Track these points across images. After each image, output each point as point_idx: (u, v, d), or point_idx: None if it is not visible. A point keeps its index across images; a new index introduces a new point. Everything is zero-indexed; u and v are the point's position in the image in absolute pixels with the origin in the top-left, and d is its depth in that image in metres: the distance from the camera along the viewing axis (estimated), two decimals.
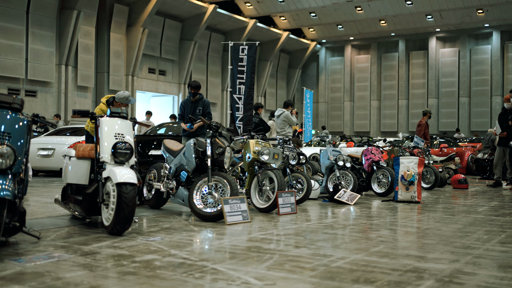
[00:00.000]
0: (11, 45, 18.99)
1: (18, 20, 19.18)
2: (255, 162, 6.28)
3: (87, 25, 21.29)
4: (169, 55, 25.17)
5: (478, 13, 25.81)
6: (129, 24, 22.95)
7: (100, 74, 22.46)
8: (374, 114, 30.43)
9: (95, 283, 2.97)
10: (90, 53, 21.74)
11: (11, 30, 18.99)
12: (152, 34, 24.02)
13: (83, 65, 21.38)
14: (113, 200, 4.40)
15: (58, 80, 20.70)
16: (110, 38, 22.30)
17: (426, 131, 11.79)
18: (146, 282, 3.00)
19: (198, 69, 26.52)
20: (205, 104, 7.79)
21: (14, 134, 3.78)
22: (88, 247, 3.96)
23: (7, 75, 18.85)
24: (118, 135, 4.71)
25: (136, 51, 22.93)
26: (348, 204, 7.17)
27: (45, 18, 20.05)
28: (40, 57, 19.85)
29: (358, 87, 30.99)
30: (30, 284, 2.92)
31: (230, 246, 4.11)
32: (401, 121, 29.71)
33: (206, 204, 5.44)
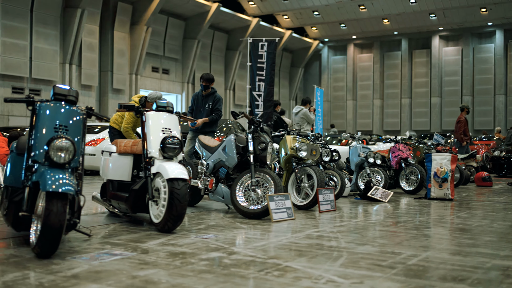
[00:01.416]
0: (15, 44, 18.76)
1: (22, 18, 18.94)
2: (292, 159, 6.15)
3: (91, 24, 21.07)
4: (173, 53, 24.98)
5: (481, 11, 25.80)
6: (133, 22, 22.75)
7: (103, 72, 22.24)
8: (377, 113, 30.37)
9: (174, 281, 2.83)
10: (94, 51, 21.52)
11: (15, 29, 18.75)
12: (156, 32, 23.83)
13: (87, 63, 21.16)
14: (164, 197, 4.26)
15: (62, 78, 20.46)
16: (113, 36, 22.09)
17: (465, 127, 11.45)
18: (228, 280, 2.86)
19: (201, 68, 26.33)
20: (215, 100, 7.36)
21: (70, 128, 3.63)
22: (145, 245, 3.82)
23: (11, 74, 18.61)
24: (166, 130, 4.56)
25: (140, 50, 22.74)
26: (382, 202, 7.05)
27: (49, 17, 19.82)
28: (44, 55, 19.62)
29: (361, 86, 30.92)
30: (108, 283, 2.77)
31: (290, 243, 3.98)
32: (404, 120, 29.67)
33: (249, 201, 5.30)
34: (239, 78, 28.55)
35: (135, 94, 23.18)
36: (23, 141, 4.14)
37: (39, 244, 3.26)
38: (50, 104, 3.66)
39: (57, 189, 3.24)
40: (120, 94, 22.65)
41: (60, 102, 3.70)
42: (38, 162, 3.48)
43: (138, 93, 23.27)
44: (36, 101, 3.68)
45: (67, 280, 2.82)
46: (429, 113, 29.25)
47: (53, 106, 3.65)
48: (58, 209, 3.23)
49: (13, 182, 4.09)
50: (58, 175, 3.34)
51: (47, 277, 2.88)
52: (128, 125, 6.67)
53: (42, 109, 3.62)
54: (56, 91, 3.70)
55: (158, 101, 4.69)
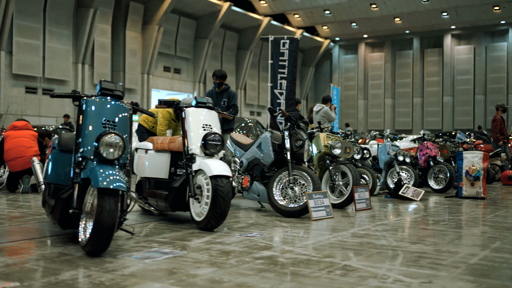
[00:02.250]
0: (28, 44, 18.77)
1: (35, 18, 18.95)
2: (326, 156, 6.05)
3: (103, 23, 21.07)
4: (184, 53, 24.95)
5: (494, 10, 25.60)
6: (145, 22, 22.73)
7: (115, 72, 22.24)
8: (388, 112, 30.21)
9: (237, 280, 2.74)
10: (106, 51, 21.52)
11: (29, 29, 18.76)
12: (167, 32, 23.81)
13: (99, 63, 21.16)
14: (207, 194, 4.17)
15: (75, 78, 20.47)
16: (125, 36, 22.08)
17: (502, 126, 11.26)
18: (292, 280, 2.77)
19: (212, 67, 26.27)
20: (230, 95, 7.16)
21: (118, 124, 3.55)
22: (191, 243, 3.73)
23: (25, 74, 18.63)
24: (206, 126, 4.48)
25: (152, 50, 22.72)
26: (414, 200, 6.94)
27: (62, 17, 19.83)
28: (57, 55, 19.63)
29: (372, 85, 30.76)
30: (169, 282, 2.69)
31: (340, 242, 3.88)
32: (415, 119, 29.49)
33: (286, 199, 5.21)
34: (250, 77, 28.48)
35: (147, 93, 23.18)
36: (66, 137, 4.07)
37: (91, 242, 3.18)
38: (96, 100, 3.58)
39: (108, 185, 3.16)
40: (132, 94, 22.63)
41: (106, 97, 3.63)
42: (87, 158, 3.40)
43: (149, 92, 23.24)
44: (83, 96, 3.61)
45: (126, 279, 2.73)
46: (441, 112, 29.07)
47: (100, 101, 3.58)
48: (110, 206, 3.15)
49: (56, 179, 4.03)
50: (109, 171, 3.26)
51: (105, 275, 2.80)
52: (163, 127, 6.58)
53: (89, 104, 3.55)
54: (103, 85, 3.62)
55: (197, 98, 4.61)
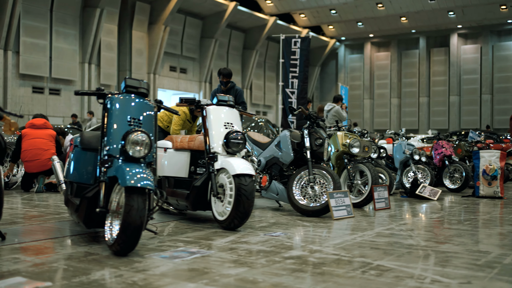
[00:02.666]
0: (35, 44, 18.76)
1: (42, 18, 18.94)
2: (344, 155, 5.99)
3: (109, 23, 21.05)
4: (190, 53, 24.91)
5: (501, 9, 25.47)
6: (151, 22, 22.69)
7: (122, 72, 22.20)
8: (395, 112, 30.10)
9: (272, 280, 2.68)
10: (113, 51, 21.49)
11: (35, 28, 18.75)
12: (173, 32, 23.77)
13: (105, 63, 21.14)
14: (230, 193, 4.12)
15: (82, 78, 20.46)
16: (132, 36, 22.06)
17: None
18: (328, 280, 2.72)
19: (218, 67, 26.18)
20: (238, 93, 7.05)
21: (144, 121, 3.51)
22: (217, 242, 3.68)
23: (32, 74, 18.62)
24: (228, 124, 4.43)
25: (158, 49, 22.68)
26: (431, 200, 6.87)
27: (69, 16, 19.82)
28: (63, 55, 19.62)
29: (378, 84, 30.67)
30: (203, 282, 2.64)
31: (367, 241, 3.82)
32: (422, 119, 29.38)
33: (306, 198, 5.15)
34: (256, 77, 28.43)
35: (153, 93, 23.14)
36: (88, 136, 4.03)
37: (118, 242, 3.13)
38: (121, 97, 3.54)
39: (136, 184, 3.11)
40: None
41: (131, 94, 3.58)
42: (113, 156, 3.35)
43: (156, 92, 23.20)
44: (107, 93, 3.57)
45: (159, 279, 2.68)
46: (447, 112, 28.96)
47: (125, 99, 3.53)
48: (138, 205, 3.10)
49: (78, 178, 3.99)
50: (136, 169, 3.21)
51: (137, 275, 2.75)
52: (178, 127, 6.52)
53: (114, 102, 3.50)
54: (128, 83, 3.58)
55: (219, 95, 4.56)
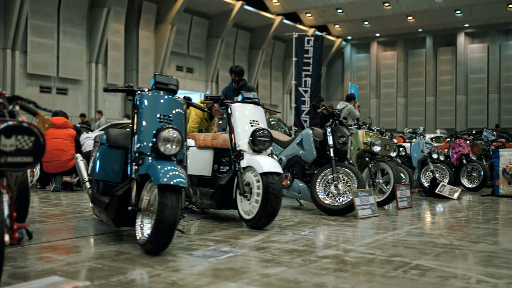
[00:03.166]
0: (42, 43, 18.75)
1: (49, 18, 18.93)
2: (365, 154, 5.93)
3: (116, 23, 21.01)
4: (197, 52, 24.87)
5: (508, 7, 25.33)
6: (158, 21, 22.66)
7: (129, 72, 22.19)
8: (401, 111, 29.98)
9: (313, 280, 2.62)
10: (120, 51, 21.46)
11: (43, 28, 18.74)
12: (180, 31, 23.73)
13: (112, 63, 21.11)
14: (258, 191, 4.07)
15: (89, 78, 20.44)
16: (139, 35, 22.02)
17: None
18: (370, 280, 2.65)
19: (224, 66, 26.18)
20: (250, 90, 6.91)
21: (174, 118, 3.45)
22: (247, 242, 3.62)
23: (39, 73, 18.60)
24: (253, 122, 4.37)
25: (165, 49, 22.64)
26: (451, 199, 6.80)
27: (76, 16, 19.79)
28: (71, 55, 19.59)
29: (384, 84, 30.55)
30: (244, 282, 2.58)
31: (398, 240, 3.75)
32: (428, 118, 29.26)
33: (329, 197, 5.09)
34: (262, 76, 28.37)
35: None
36: (115, 133, 3.98)
37: (151, 240, 3.07)
38: (151, 94, 3.48)
39: (169, 181, 3.05)
40: None
41: (160, 91, 3.52)
42: (144, 154, 3.29)
43: None
44: (137, 90, 3.51)
45: (198, 279, 2.63)
46: (454, 111, 28.83)
47: (154, 95, 3.47)
48: (172, 203, 3.05)
49: (104, 176, 3.93)
50: (169, 167, 3.15)
51: (174, 274, 2.69)
52: (195, 125, 6.46)
53: (144, 99, 3.44)
54: (158, 79, 3.52)
55: (244, 93, 4.50)
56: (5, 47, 17.63)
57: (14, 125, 2.31)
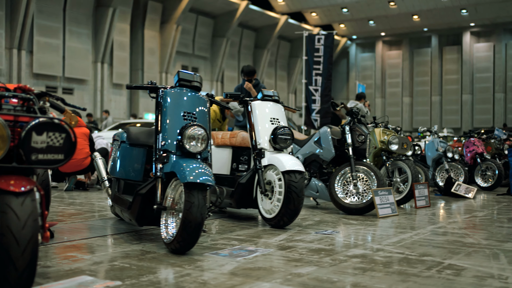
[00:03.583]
0: (48, 43, 18.74)
1: (55, 18, 18.92)
2: (382, 152, 5.87)
3: (122, 23, 21.00)
4: (202, 52, 24.85)
5: None
6: (163, 21, 22.64)
7: (134, 71, 22.18)
8: (406, 110, 29.89)
9: (347, 280, 2.57)
10: (125, 50, 21.45)
11: (49, 28, 18.74)
12: (185, 31, 23.71)
13: (118, 62, 21.10)
14: (280, 190, 4.01)
15: (94, 77, 20.43)
16: (144, 35, 22.01)
17: None
18: (406, 279, 2.60)
19: (230, 66, 26.17)
20: None
21: (198, 116, 3.39)
22: (271, 241, 3.57)
23: (45, 73, 18.60)
24: (274, 120, 4.31)
25: (170, 48, 22.63)
26: (467, 198, 6.73)
27: (82, 16, 19.79)
28: (76, 54, 19.59)
29: (390, 83, 30.47)
30: (277, 281, 2.53)
31: (425, 239, 3.70)
32: (434, 118, 29.16)
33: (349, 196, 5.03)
34: (268, 76, 28.32)
35: None
36: (136, 131, 3.93)
37: (178, 240, 3.02)
38: (174, 91, 3.42)
39: (195, 179, 3.00)
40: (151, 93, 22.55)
41: (183, 88, 3.47)
42: (169, 152, 3.24)
43: None
44: (160, 87, 3.46)
45: (230, 278, 2.57)
46: (460, 111, 28.73)
47: (178, 92, 3.42)
48: (199, 202, 2.99)
49: (125, 175, 3.88)
50: (194, 164, 3.10)
51: (205, 274, 2.64)
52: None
53: (168, 96, 3.39)
54: (181, 76, 3.46)
55: (264, 90, 4.45)
56: (12, 47, 17.64)
57: (45, 121, 2.27)
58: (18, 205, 2.10)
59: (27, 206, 2.12)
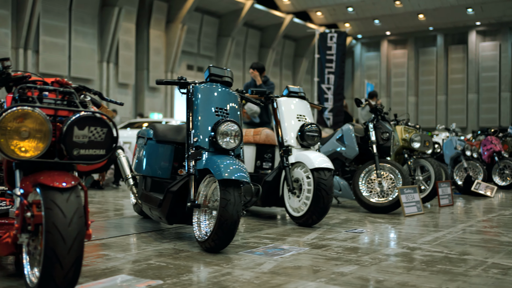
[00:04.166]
0: (54, 43, 18.68)
1: (61, 17, 18.86)
2: (403, 150, 5.79)
3: (127, 22, 20.92)
4: (207, 51, 24.77)
5: None
6: (168, 20, 22.56)
7: (140, 71, 22.11)
8: (412, 110, 29.77)
9: (395, 279, 2.49)
10: (131, 50, 21.37)
11: (55, 28, 18.67)
12: (191, 30, 23.64)
13: (124, 62, 21.02)
14: (308, 188, 3.94)
15: (100, 77, 20.37)
16: (149, 35, 21.93)
17: None
18: (454, 279, 2.52)
19: (235, 65, 26.07)
20: (270, 88, 6.64)
21: (230, 111, 3.32)
22: (303, 239, 3.50)
23: (51, 72, 18.51)
24: (301, 117, 4.24)
25: (175, 48, 22.55)
26: (487, 196, 6.65)
27: (87, 16, 19.73)
28: (82, 54, 19.52)
29: (395, 82, 30.35)
30: (321, 280, 2.45)
31: (459, 238, 3.62)
32: (439, 117, 29.04)
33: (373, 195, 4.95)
34: (273, 75, 28.24)
35: (170, 92, 23.04)
36: (163, 128, 3.87)
37: (213, 238, 2.95)
38: (205, 86, 3.35)
39: (230, 176, 2.93)
40: (156, 92, 22.50)
41: (213, 84, 3.39)
42: (202, 148, 3.17)
43: (173, 91, 23.09)
44: (190, 83, 3.38)
45: (273, 277, 2.50)
46: (465, 110, 28.61)
47: (209, 88, 3.34)
48: (235, 199, 2.93)
49: (152, 172, 3.81)
50: (228, 161, 3.03)
51: (246, 273, 2.57)
52: None
53: (199, 92, 3.31)
54: (212, 71, 3.39)
55: (290, 87, 4.37)
56: (18, 47, 17.58)
57: (87, 115, 2.20)
58: (63, 202, 2.03)
59: (72, 202, 2.06)
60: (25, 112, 2.09)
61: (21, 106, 2.10)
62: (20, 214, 2.09)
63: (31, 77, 2.46)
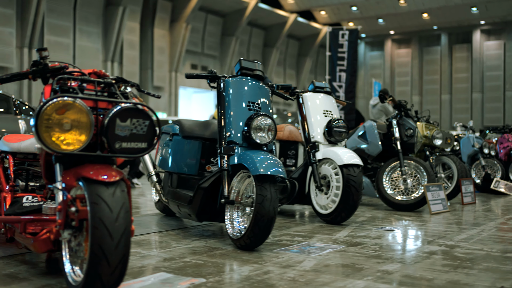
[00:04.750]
0: (59, 42, 18.61)
1: (65, 17, 18.79)
2: (425, 147, 5.70)
3: (131, 21, 20.84)
4: (211, 50, 24.68)
5: None
6: (173, 20, 22.49)
7: (144, 70, 22.02)
8: (416, 109, 29.64)
9: (443, 277, 2.41)
10: (135, 49, 21.29)
11: (59, 27, 18.60)
12: (195, 30, 23.55)
13: (128, 61, 20.93)
14: (337, 185, 3.85)
15: None
16: (154, 34, 21.85)
17: None
18: (507, 277, 2.44)
19: None
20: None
21: (262, 106, 3.24)
22: (335, 237, 3.42)
23: None
24: (327, 112, 4.15)
25: (180, 47, 22.47)
26: (508, 194, 6.57)
27: (92, 15, 19.65)
28: (87, 53, 19.45)
29: (399, 82, 30.26)
30: (368, 278, 2.37)
31: (495, 236, 3.54)
32: (444, 116, 28.94)
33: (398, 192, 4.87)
34: (276, 75, 28.17)
35: (175, 91, 22.96)
36: (189, 123, 3.78)
37: (249, 235, 2.86)
38: (235, 80, 3.26)
39: (266, 171, 2.84)
40: (160, 91, 22.41)
41: (244, 77, 3.31)
42: (235, 143, 3.08)
43: (177, 90, 23.01)
44: (221, 76, 3.30)
45: (317, 276, 2.41)
46: (470, 109, 28.52)
47: (241, 81, 3.26)
48: (271, 195, 2.84)
49: (178, 168, 3.73)
50: (263, 156, 2.94)
51: (288, 271, 2.48)
52: None
53: (230, 85, 3.23)
54: (243, 65, 3.31)
55: (315, 82, 4.29)
56: (22, 46, 17.51)
57: (129, 107, 2.11)
58: (109, 196, 1.95)
59: (118, 197, 1.97)
60: (66, 103, 2.01)
61: (62, 97, 2.01)
62: (62, 209, 2.00)
63: (68, 68, 2.37)
